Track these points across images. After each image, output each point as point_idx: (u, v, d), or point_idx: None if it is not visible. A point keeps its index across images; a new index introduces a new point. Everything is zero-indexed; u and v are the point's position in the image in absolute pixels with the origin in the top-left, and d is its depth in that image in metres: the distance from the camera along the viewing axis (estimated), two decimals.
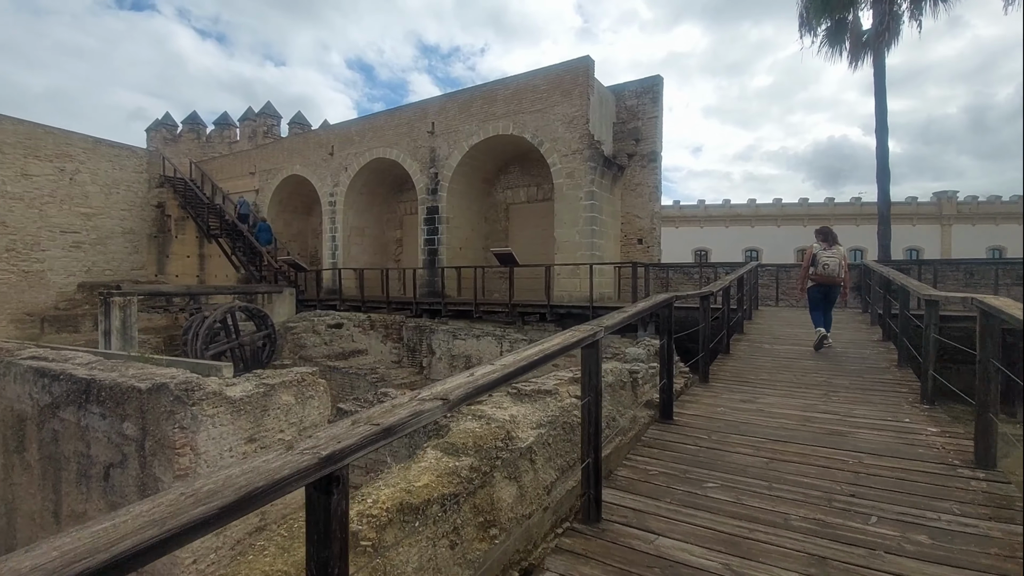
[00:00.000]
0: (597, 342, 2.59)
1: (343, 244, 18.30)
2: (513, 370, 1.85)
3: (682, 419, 4.17)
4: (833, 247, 7.02)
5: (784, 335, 8.11)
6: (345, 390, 13.00)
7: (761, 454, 3.38)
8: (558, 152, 13.17)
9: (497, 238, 16.63)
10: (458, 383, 1.65)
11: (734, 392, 5.00)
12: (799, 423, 4.01)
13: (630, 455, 3.50)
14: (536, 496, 3.50)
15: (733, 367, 6.04)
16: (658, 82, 13.98)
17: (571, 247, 13.06)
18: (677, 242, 39.87)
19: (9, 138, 18.52)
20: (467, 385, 1.64)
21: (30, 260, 19.09)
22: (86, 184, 20.72)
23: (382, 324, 15.17)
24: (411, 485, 2.93)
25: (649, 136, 14.02)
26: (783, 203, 39.80)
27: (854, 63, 15.86)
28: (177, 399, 5.49)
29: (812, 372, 5.75)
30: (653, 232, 14.15)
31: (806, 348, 7.00)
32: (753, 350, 6.98)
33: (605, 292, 13.48)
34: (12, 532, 7.43)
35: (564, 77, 13.11)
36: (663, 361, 4.13)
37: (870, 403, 4.58)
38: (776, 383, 5.31)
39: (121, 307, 12.82)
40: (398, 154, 16.44)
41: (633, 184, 14.29)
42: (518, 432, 3.68)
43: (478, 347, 12.89)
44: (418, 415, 1.40)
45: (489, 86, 14.52)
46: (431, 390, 1.58)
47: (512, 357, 1.99)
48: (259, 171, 20.94)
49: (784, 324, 9.28)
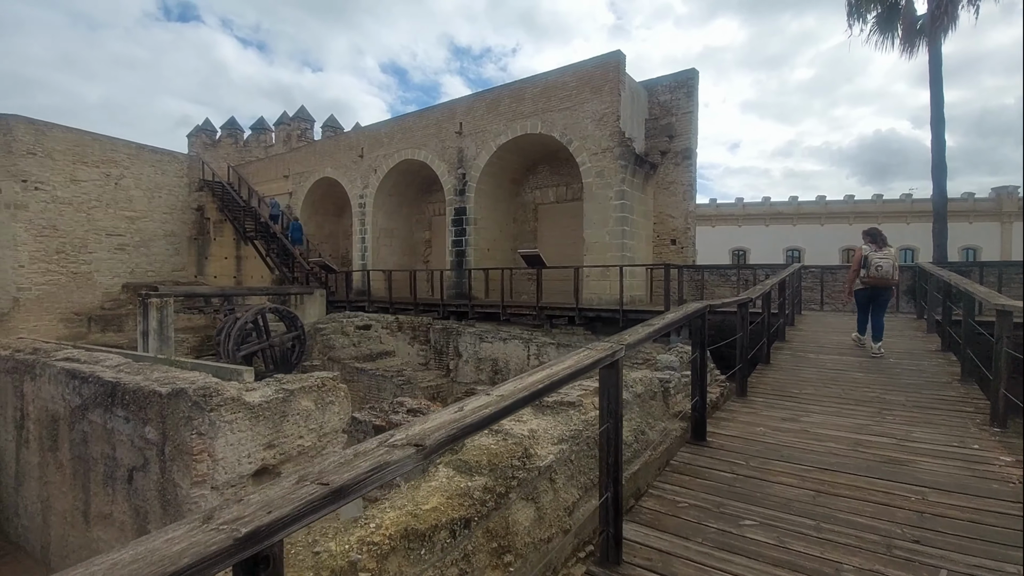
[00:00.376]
0: (617, 362, 2.29)
1: (372, 246, 18.38)
2: (511, 403, 1.58)
3: (717, 440, 3.81)
4: (884, 248, 6.76)
5: (830, 343, 7.55)
6: (372, 392, 12.98)
7: (807, 485, 3.00)
8: (587, 151, 12.80)
9: (525, 239, 16.36)
10: (441, 422, 1.38)
11: (775, 408, 4.58)
12: (850, 448, 3.59)
13: (657, 482, 3.17)
14: (556, 518, 3.22)
15: (774, 379, 5.59)
16: (693, 76, 13.42)
17: (601, 248, 12.67)
18: (713, 242, 38.72)
19: (59, 145, 19.37)
20: (452, 425, 1.38)
21: (78, 262, 19.93)
22: (130, 188, 21.50)
23: (409, 326, 15.12)
24: (419, 508, 2.69)
25: (683, 132, 13.48)
26: (827, 200, 38.11)
27: (907, 51, 14.88)
28: (195, 405, 5.43)
29: (863, 386, 5.25)
30: (687, 232, 13.61)
31: (855, 358, 6.47)
32: (796, 360, 6.49)
33: (636, 295, 13.03)
34: (47, 530, 7.61)
35: (594, 73, 12.73)
36: (696, 377, 3.77)
37: (931, 424, 4.10)
38: (822, 398, 4.86)
39: (158, 308, 13.14)
40: (426, 155, 16.37)
41: (666, 182, 13.77)
42: (537, 449, 3.41)
43: (505, 350, 12.66)
44: (382, 468, 1.15)
45: (517, 84, 14.26)
46: (406, 432, 1.32)
47: (512, 385, 1.72)
48: (292, 174, 21.29)
49: (830, 331, 8.68)
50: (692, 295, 13.13)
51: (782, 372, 5.89)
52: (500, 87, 14.73)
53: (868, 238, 6.93)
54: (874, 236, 6.89)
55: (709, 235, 38.98)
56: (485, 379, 13.04)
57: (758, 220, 38.87)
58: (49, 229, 19.14)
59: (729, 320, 8.21)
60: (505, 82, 13.98)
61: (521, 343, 12.37)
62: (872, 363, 6.19)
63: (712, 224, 39.34)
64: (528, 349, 12.22)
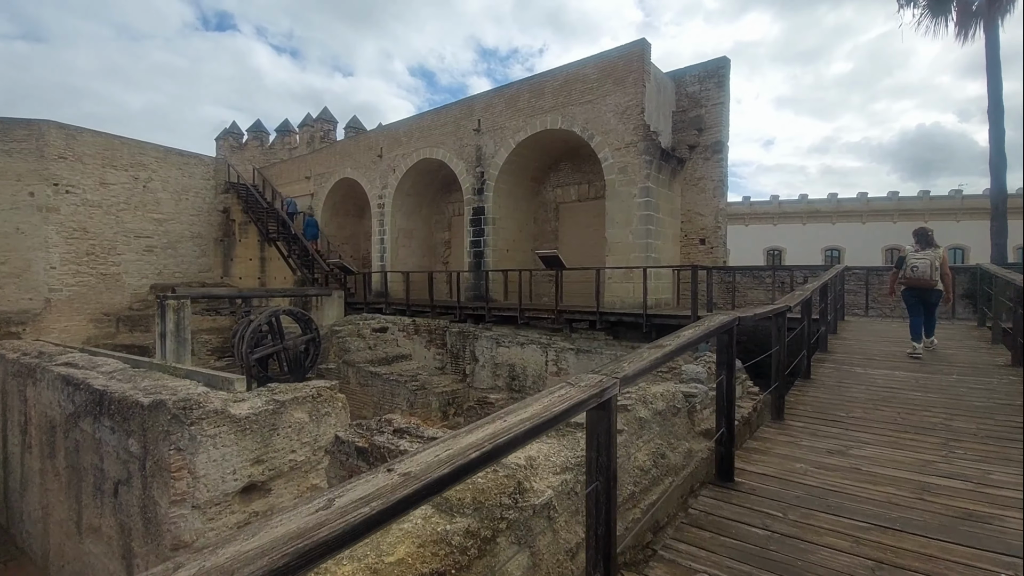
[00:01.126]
0: (609, 402, 1.72)
1: (391, 247, 18.09)
2: (400, 498, 1.03)
3: (747, 480, 3.17)
4: (925, 249, 6.75)
5: (878, 354, 6.74)
6: (385, 398, 12.62)
7: (863, 550, 2.36)
8: (610, 146, 12.13)
9: (546, 239, 15.78)
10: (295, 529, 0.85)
11: (818, 437, 3.90)
12: (915, 495, 2.91)
13: (671, 539, 2.57)
14: (555, 564, 2.67)
15: (815, 398, 4.88)
16: (724, 64, 12.59)
17: (624, 248, 11.99)
18: (747, 242, 37.29)
19: (89, 149, 19.77)
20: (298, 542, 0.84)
21: (107, 263, 20.30)
22: (158, 191, 21.83)
23: (426, 329, 14.73)
24: (382, 561, 2.17)
25: (713, 125, 12.66)
26: (869, 197, 36.19)
27: (962, 36, 13.70)
28: (175, 418, 5.06)
29: (922, 409, 4.50)
30: (718, 231, 12.78)
31: (908, 373, 5.68)
32: (840, 374, 5.73)
33: (663, 297, 12.30)
34: (47, 538, 7.43)
35: (617, 63, 12.05)
36: (721, 403, 3.15)
37: (1011, 461, 3.36)
38: (874, 424, 4.15)
39: (175, 310, 13.09)
40: (444, 153, 15.96)
41: (695, 179, 12.97)
42: (534, 481, 2.86)
43: (522, 355, 12.12)
44: None
45: (536, 78, 13.69)
46: None
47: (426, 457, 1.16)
48: (314, 175, 21.23)
49: (877, 339, 7.82)
50: (723, 298, 12.32)
51: (825, 390, 5.16)
52: (519, 82, 14.20)
53: (915, 238, 6.96)
54: (919, 236, 6.89)
55: (742, 234, 37.56)
56: (502, 385, 12.53)
57: (794, 218, 37.22)
58: (79, 231, 19.55)
59: (764, 325, 7.47)
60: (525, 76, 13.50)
61: (539, 348, 11.81)
62: (931, 380, 5.40)
63: (745, 223, 37.88)
64: (546, 355, 11.66)
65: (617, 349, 10.91)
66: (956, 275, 9.60)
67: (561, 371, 11.44)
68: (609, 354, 10.78)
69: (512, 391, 12.30)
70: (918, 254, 6.74)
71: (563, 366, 11.40)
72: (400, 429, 4.29)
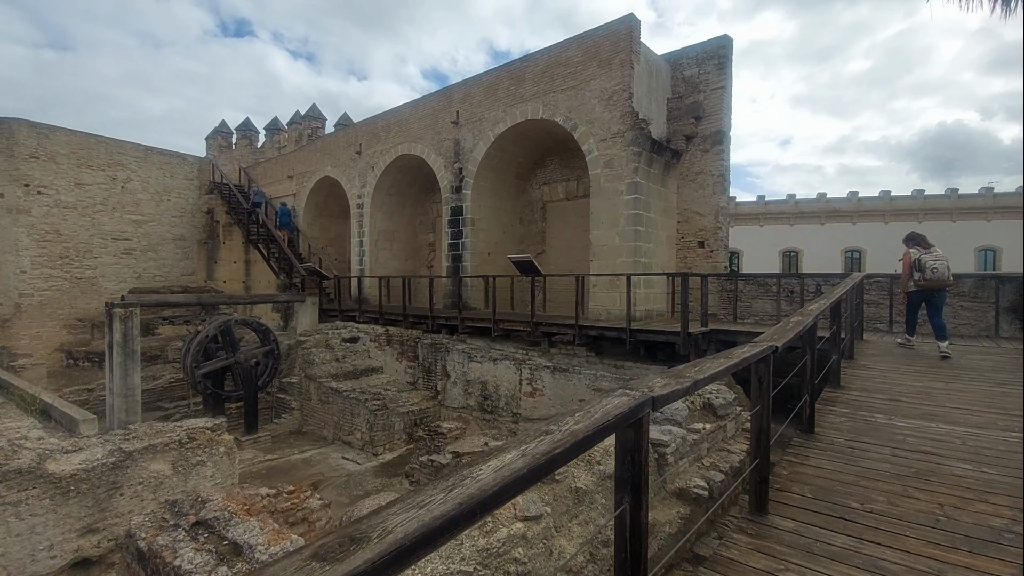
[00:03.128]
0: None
1: (371, 249, 16.91)
2: None
3: None
4: (931, 250, 6.90)
5: (907, 391, 5.23)
6: (345, 418, 11.39)
7: None
8: (594, 136, 10.76)
9: (533, 241, 14.44)
10: None
11: (814, 554, 2.50)
12: None
13: None
14: None
15: (817, 471, 3.47)
16: (725, 44, 11.11)
17: (610, 252, 10.58)
18: (762, 243, 35.48)
19: (63, 148, 18.96)
20: None
21: (83, 267, 19.48)
22: (137, 192, 20.99)
23: (398, 339, 13.49)
24: None
25: (713, 112, 11.19)
26: (892, 196, 34.11)
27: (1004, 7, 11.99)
28: None
29: (976, 496, 3.06)
30: (718, 232, 11.29)
31: (950, 427, 4.22)
32: (855, 427, 4.29)
33: (655, 308, 10.88)
34: None
35: (602, 43, 10.67)
36: None
37: None
38: (902, 522, 2.72)
39: (122, 319, 12.01)
40: (423, 149, 14.72)
41: (692, 173, 11.51)
42: None
43: (495, 372, 10.80)
44: None
45: (517, 63, 12.36)
46: None
47: None
48: (296, 174, 20.19)
49: (905, 366, 6.30)
50: (723, 309, 10.85)
51: (832, 454, 3.73)
52: (499, 68, 12.88)
53: (913, 242, 7.05)
54: (918, 240, 7.05)
55: (757, 235, 35.75)
56: (473, 404, 11.23)
57: (812, 218, 35.25)
58: (52, 234, 18.74)
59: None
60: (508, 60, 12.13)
61: (513, 365, 10.49)
62: (984, 439, 3.93)
63: (760, 223, 36.04)
64: (520, 372, 10.33)
65: (599, 368, 9.53)
66: (1002, 284, 8.68)
67: (536, 391, 10.09)
68: (589, 374, 9.40)
69: (484, 411, 10.99)
70: (932, 255, 6.82)
71: (538, 386, 10.05)
72: (203, 522, 2.97)
